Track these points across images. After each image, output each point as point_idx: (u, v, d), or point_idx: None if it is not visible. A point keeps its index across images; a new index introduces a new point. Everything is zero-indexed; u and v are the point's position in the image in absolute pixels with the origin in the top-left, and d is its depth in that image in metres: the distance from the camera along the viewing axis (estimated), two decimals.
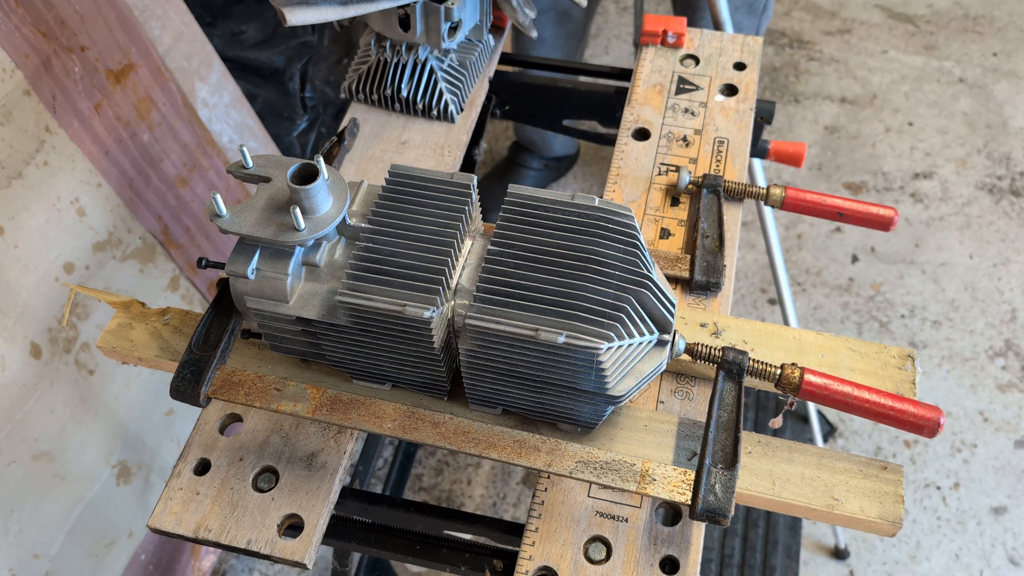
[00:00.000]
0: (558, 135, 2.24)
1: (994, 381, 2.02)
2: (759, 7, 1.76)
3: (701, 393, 0.85)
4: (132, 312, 0.86)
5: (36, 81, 1.17)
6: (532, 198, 0.72)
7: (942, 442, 1.94)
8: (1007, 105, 2.55)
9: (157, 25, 1.40)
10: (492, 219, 2.02)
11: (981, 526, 1.83)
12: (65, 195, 1.23)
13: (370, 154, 1.09)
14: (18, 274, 1.17)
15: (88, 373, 1.31)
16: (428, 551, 0.89)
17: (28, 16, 1.14)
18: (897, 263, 2.24)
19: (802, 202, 0.98)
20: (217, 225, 0.70)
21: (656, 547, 0.77)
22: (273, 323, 0.74)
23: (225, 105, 1.58)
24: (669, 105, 1.11)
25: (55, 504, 1.28)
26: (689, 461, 0.74)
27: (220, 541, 0.78)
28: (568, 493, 0.80)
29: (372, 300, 0.68)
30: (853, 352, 0.82)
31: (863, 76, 2.65)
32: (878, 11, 2.83)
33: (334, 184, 0.72)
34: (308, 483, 0.81)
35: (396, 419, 0.75)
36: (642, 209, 1.00)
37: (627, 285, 0.68)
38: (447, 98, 1.10)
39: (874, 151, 2.47)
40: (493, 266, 0.69)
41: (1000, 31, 2.76)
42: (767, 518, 1.75)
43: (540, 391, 0.71)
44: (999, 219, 2.31)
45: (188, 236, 1.50)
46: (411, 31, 1.05)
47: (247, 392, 0.77)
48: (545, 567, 0.76)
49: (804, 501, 0.73)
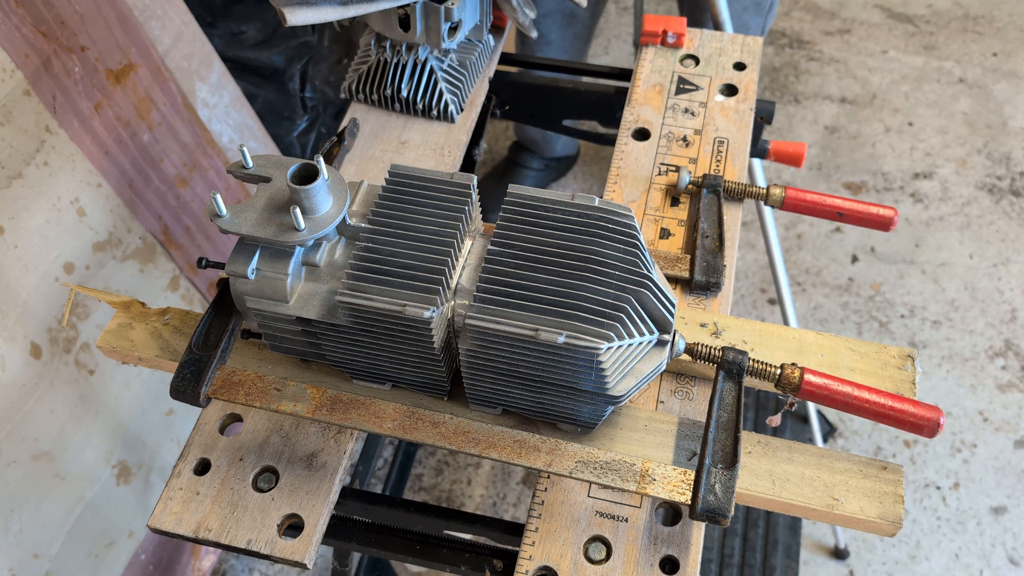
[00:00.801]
0: (559, 135, 2.24)
1: (994, 381, 2.02)
2: (766, 6, 1.76)
3: (701, 393, 0.85)
4: (132, 312, 0.86)
5: (36, 81, 1.17)
6: (532, 198, 0.72)
7: (942, 442, 1.94)
8: (1007, 105, 2.55)
9: (157, 25, 1.40)
10: (492, 219, 2.02)
11: (981, 526, 1.83)
12: (65, 195, 1.23)
13: (370, 154, 1.09)
14: (18, 274, 1.17)
15: (88, 373, 1.31)
16: (428, 551, 0.89)
17: (28, 16, 1.14)
18: (897, 263, 2.24)
19: (802, 202, 0.98)
20: (217, 225, 0.70)
21: (656, 547, 0.77)
22: (273, 323, 0.74)
23: (225, 105, 1.58)
24: (669, 105, 1.11)
25: (55, 504, 1.28)
26: (689, 461, 0.74)
27: (220, 541, 0.78)
28: (568, 493, 0.80)
29: (372, 300, 0.68)
30: (853, 352, 0.82)
31: (863, 76, 2.65)
32: (878, 11, 2.83)
33: (334, 184, 0.72)
34: (308, 483, 0.81)
35: (396, 419, 0.75)
36: (642, 209, 1.00)
37: (627, 285, 0.68)
38: (447, 98, 1.10)
39: (874, 151, 2.47)
40: (493, 266, 0.69)
41: (1000, 31, 2.76)
42: (767, 518, 1.75)
43: (540, 391, 0.71)
44: (999, 219, 2.31)
45: (188, 236, 1.50)
46: (411, 31, 1.05)
47: (247, 392, 0.77)
48: (545, 567, 0.76)
49: (804, 501, 0.73)
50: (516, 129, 2.39)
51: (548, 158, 2.38)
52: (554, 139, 2.31)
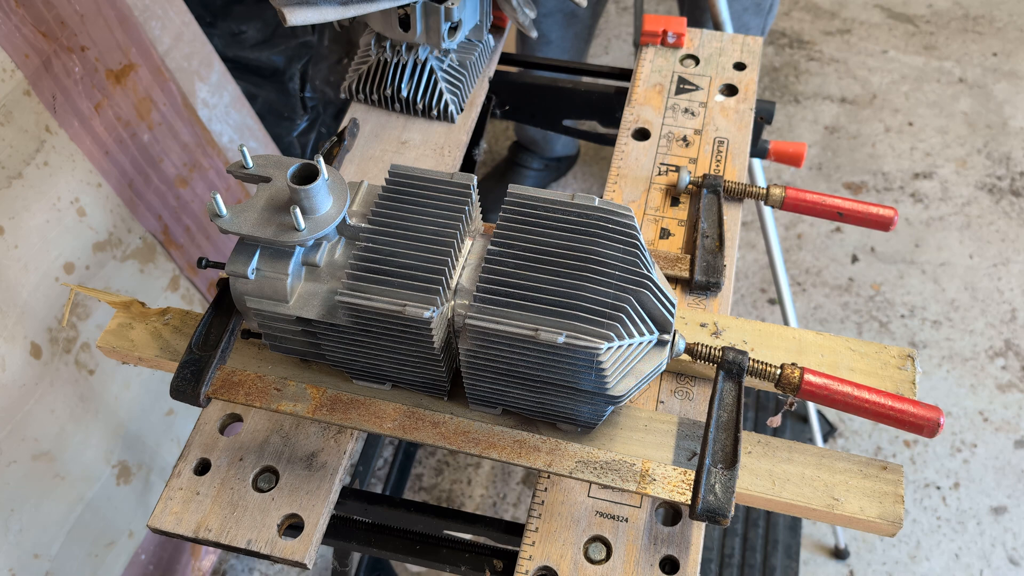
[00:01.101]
0: (559, 135, 2.24)
1: (994, 381, 2.02)
2: (766, 6, 1.76)
3: (701, 393, 0.85)
4: (132, 312, 0.86)
5: (36, 81, 1.17)
6: (532, 198, 0.72)
7: (942, 442, 1.94)
8: (1007, 105, 2.55)
9: (157, 25, 1.40)
10: (492, 219, 2.02)
11: (981, 526, 1.83)
12: (65, 195, 1.23)
13: (370, 154, 1.09)
14: (18, 274, 1.17)
15: (88, 373, 1.31)
16: (428, 551, 0.89)
17: (28, 16, 1.14)
18: (897, 263, 2.24)
19: (802, 202, 0.98)
20: (217, 225, 0.70)
21: (656, 547, 0.77)
22: (273, 323, 0.74)
23: (225, 105, 1.58)
24: (669, 105, 1.11)
25: (55, 504, 1.28)
26: (689, 461, 0.74)
27: (220, 541, 0.78)
28: (568, 493, 0.80)
29: (372, 300, 0.68)
30: (853, 352, 0.82)
31: (863, 76, 2.65)
32: (878, 11, 2.83)
33: (334, 184, 0.72)
34: (308, 483, 0.81)
35: (396, 419, 0.75)
36: (642, 209, 1.00)
37: (627, 285, 0.68)
38: (447, 98, 1.10)
39: (874, 151, 2.47)
40: (493, 266, 0.69)
41: (1000, 31, 2.76)
42: (767, 518, 1.75)
43: (540, 391, 0.71)
44: (999, 219, 2.31)
45: (188, 236, 1.50)
46: (411, 31, 1.05)
47: (247, 392, 0.77)
48: (545, 567, 0.76)
49: (804, 501, 0.73)
50: (516, 129, 2.39)
51: (548, 158, 2.38)
52: (554, 139, 2.31)
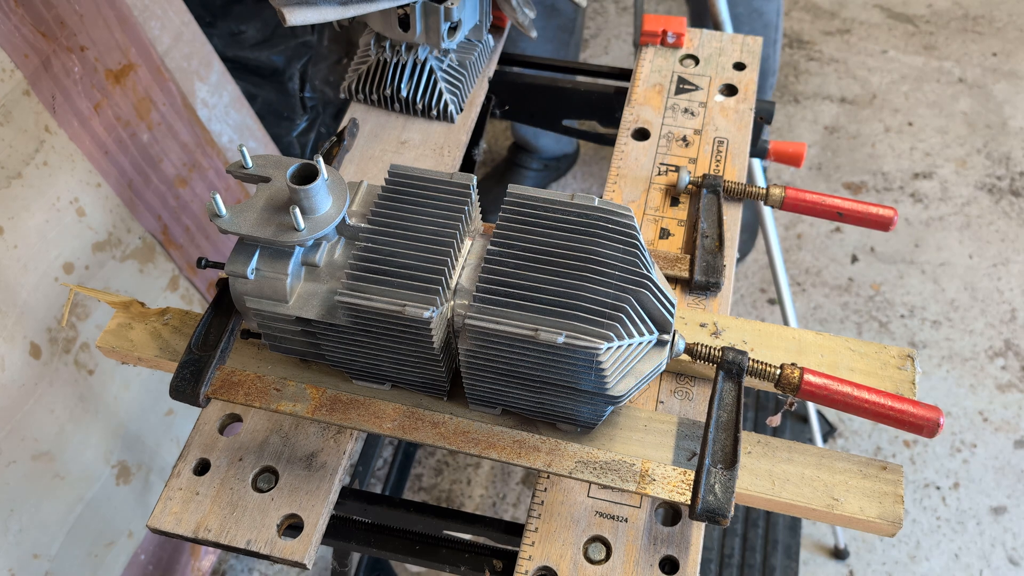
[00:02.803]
0: (548, 134, 2.25)
1: (994, 381, 2.02)
2: None
3: (701, 393, 0.85)
4: (132, 312, 0.86)
5: (36, 81, 1.17)
6: (532, 198, 0.72)
7: (942, 442, 1.94)
8: (1007, 105, 2.55)
9: (157, 25, 1.40)
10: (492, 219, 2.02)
11: (981, 526, 1.83)
12: (65, 195, 1.23)
13: (370, 154, 1.09)
14: (18, 274, 1.17)
15: (88, 373, 1.31)
16: (428, 551, 0.89)
17: (28, 16, 1.14)
18: (897, 263, 2.24)
19: (802, 202, 0.98)
20: (217, 225, 0.70)
21: (656, 547, 0.77)
22: (273, 323, 0.74)
23: (225, 105, 1.58)
24: (669, 105, 1.11)
25: (55, 504, 1.28)
26: (689, 461, 0.74)
27: (220, 541, 0.78)
28: (568, 493, 0.80)
29: (372, 300, 0.68)
30: (853, 352, 0.82)
31: (863, 76, 2.65)
32: (878, 11, 2.83)
33: (334, 184, 0.72)
34: (308, 483, 0.81)
35: (396, 419, 0.75)
36: (642, 209, 1.00)
37: (627, 285, 0.68)
38: (447, 98, 1.10)
39: (874, 151, 2.47)
40: (493, 266, 0.69)
41: (1000, 31, 2.76)
42: (767, 518, 1.75)
43: (540, 391, 0.71)
44: (999, 219, 2.31)
45: (188, 236, 1.50)
46: (411, 31, 1.05)
47: (247, 392, 0.77)
48: (545, 567, 0.76)
49: (804, 501, 0.73)
50: (512, 129, 2.39)
51: (547, 158, 2.38)
52: (544, 138, 2.30)
